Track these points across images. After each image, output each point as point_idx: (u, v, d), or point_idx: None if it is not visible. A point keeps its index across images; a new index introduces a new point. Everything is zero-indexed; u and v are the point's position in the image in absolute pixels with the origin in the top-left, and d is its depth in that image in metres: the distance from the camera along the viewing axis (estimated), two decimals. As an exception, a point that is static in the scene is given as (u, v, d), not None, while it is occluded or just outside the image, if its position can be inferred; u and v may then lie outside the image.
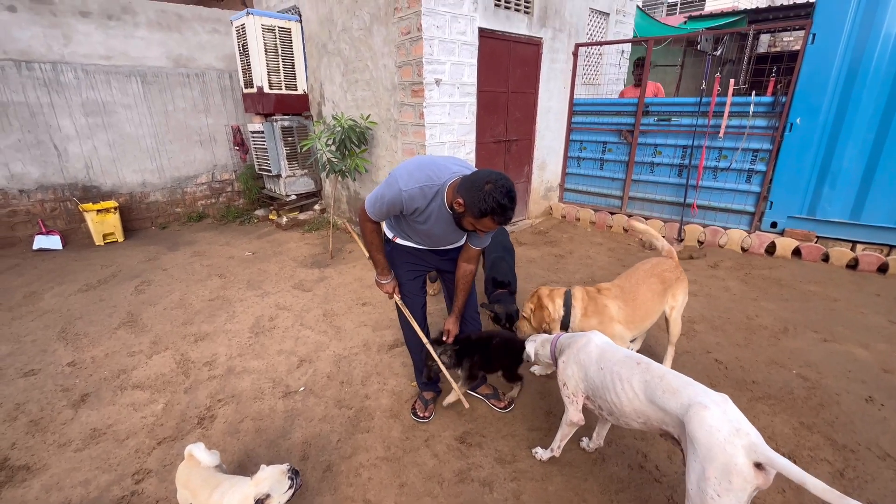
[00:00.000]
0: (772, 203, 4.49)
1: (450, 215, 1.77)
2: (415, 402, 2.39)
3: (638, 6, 7.29)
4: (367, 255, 2.17)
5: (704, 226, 4.85)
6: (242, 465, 2.04)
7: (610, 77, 6.24)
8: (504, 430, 2.24)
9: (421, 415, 2.30)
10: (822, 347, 2.90)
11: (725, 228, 4.74)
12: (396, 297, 2.19)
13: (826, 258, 4.27)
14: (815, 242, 4.35)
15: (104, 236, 5.27)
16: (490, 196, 1.54)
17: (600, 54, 6.10)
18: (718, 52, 11.11)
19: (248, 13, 5.02)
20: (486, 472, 1.98)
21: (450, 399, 2.27)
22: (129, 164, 5.69)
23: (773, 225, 4.57)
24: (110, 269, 4.45)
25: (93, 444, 2.17)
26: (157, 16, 5.53)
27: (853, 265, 4.14)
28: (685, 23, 10.61)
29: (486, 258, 3.09)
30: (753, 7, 11.49)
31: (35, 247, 5.01)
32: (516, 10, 4.72)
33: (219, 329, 3.26)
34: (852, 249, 4.19)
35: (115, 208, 5.30)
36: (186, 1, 9.25)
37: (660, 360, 2.60)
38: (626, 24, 6.33)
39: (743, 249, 4.64)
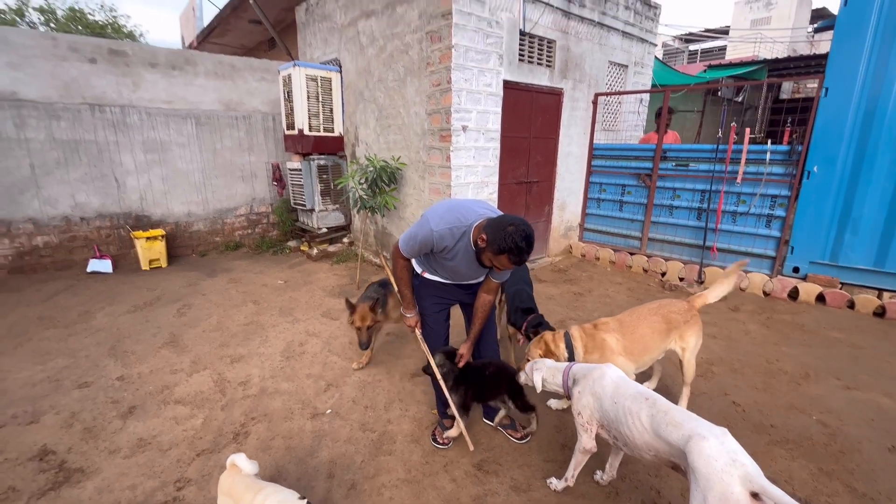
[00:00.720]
0: (793, 248, 4.52)
1: (474, 253, 1.97)
2: (434, 428, 2.51)
3: (656, 57, 7.65)
4: (396, 288, 2.38)
5: (725, 269, 4.86)
6: (274, 480, 2.17)
7: (629, 123, 6.51)
8: (520, 459, 2.32)
9: (440, 441, 2.41)
10: (844, 395, 2.88)
11: (746, 272, 4.75)
12: (417, 332, 2.38)
13: (851, 305, 4.23)
14: (840, 289, 4.32)
15: (150, 262, 5.68)
16: (510, 237, 1.74)
17: (619, 102, 6.40)
18: (740, 99, 11.33)
19: (294, 65, 5.57)
20: (501, 500, 2.06)
21: (451, 433, 2.37)
22: (178, 197, 6.20)
23: (796, 270, 4.57)
24: (155, 293, 4.79)
25: (139, 452, 2.36)
26: (214, 66, 6.18)
27: (880, 313, 4.08)
28: (705, 71, 10.94)
29: (506, 294, 3.24)
30: (773, 57, 11.78)
31: (88, 269, 5.44)
32: (539, 63, 5.09)
33: (253, 352, 3.48)
34: (879, 297, 4.14)
35: (163, 236, 5.74)
36: (239, 52, 10.21)
37: (675, 400, 2.64)
38: (644, 75, 6.65)
39: (765, 293, 4.63)
